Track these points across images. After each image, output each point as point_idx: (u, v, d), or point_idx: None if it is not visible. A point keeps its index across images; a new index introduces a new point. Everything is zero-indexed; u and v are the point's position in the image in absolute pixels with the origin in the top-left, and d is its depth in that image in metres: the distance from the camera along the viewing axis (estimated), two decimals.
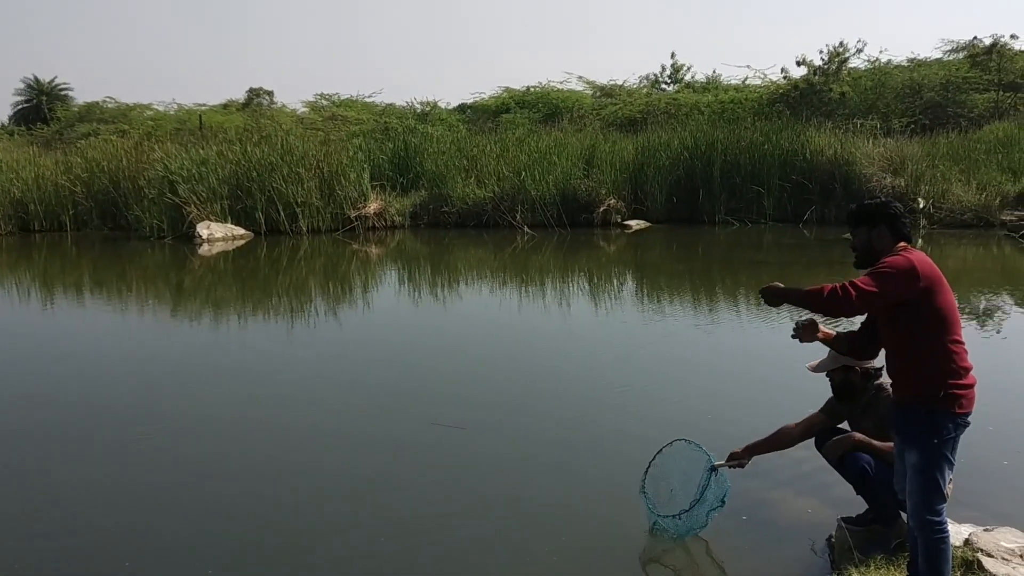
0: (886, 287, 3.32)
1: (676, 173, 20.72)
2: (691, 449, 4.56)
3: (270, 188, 19.11)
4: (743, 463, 4.54)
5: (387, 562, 4.46)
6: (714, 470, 4.45)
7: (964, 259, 15.51)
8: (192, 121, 31.16)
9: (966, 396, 3.34)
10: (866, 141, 21.36)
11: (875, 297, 3.32)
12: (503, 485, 5.45)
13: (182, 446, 6.22)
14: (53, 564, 4.48)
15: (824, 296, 3.37)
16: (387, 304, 12.20)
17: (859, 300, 3.32)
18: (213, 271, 15.63)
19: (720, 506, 4.42)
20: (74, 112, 38.86)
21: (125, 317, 11.45)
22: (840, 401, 4.46)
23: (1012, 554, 3.88)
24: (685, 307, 11.46)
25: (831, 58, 28.21)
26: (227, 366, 8.72)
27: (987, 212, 19.10)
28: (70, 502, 5.26)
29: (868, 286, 3.32)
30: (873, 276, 3.36)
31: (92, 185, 20.96)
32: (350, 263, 16.33)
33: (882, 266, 3.38)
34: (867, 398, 4.35)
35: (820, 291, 3.39)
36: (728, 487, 4.45)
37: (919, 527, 3.37)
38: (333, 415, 6.92)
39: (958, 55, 29.47)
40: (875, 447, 4.16)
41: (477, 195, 20.47)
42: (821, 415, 4.54)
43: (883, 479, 4.07)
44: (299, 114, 34.26)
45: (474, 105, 35.66)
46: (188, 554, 4.55)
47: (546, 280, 13.91)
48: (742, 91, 31.02)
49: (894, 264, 3.36)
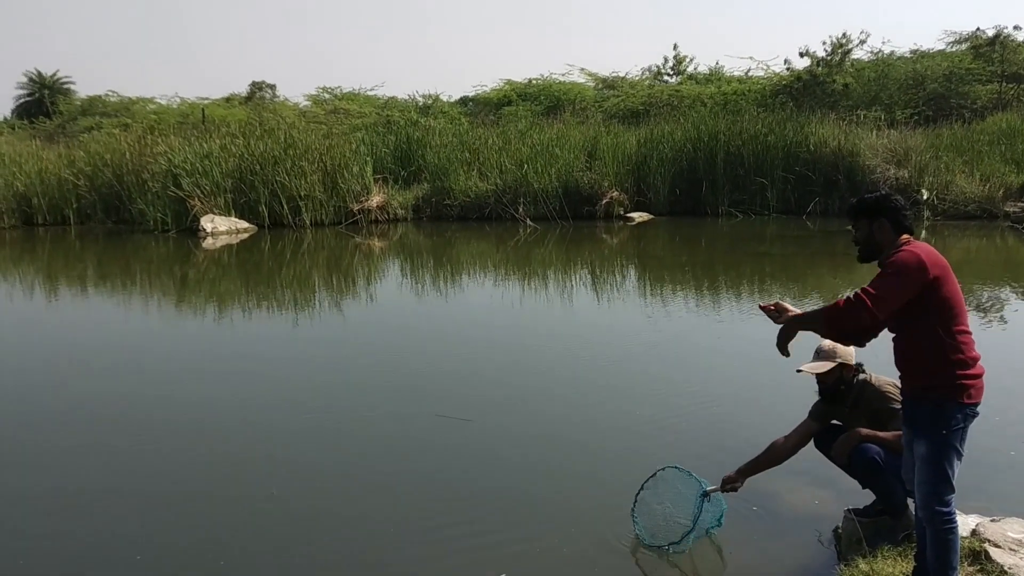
0: (897, 288, 3.28)
1: (679, 165, 20.72)
2: (682, 476, 4.52)
3: (273, 181, 19.13)
4: (736, 486, 4.44)
5: (392, 553, 4.49)
6: (706, 496, 4.41)
7: (968, 250, 15.49)
8: (195, 114, 31.18)
9: (975, 386, 3.34)
10: (870, 132, 21.33)
11: (891, 300, 3.26)
12: (506, 478, 5.47)
13: (178, 441, 6.23)
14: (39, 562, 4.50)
15: (840, 309, 3.27)
16: (390, 297, 12.21)
17: (875, 306, 3.22)
18: (217, 264, 15.65)
19: (717, 526, 4.42)
20: (76, 106, 38.88)
21: (129, 310, 11.48)
22: (828, 403, 4.42)
23: (1019, 544, 3.89)
24: (688, 301, 11.46)
25: (834, 49, 28.17)
26: (231, 360, 8.74)
27: (991, 203, 19.09)
28: (68, 497, 5.28)
29: (881, 290, 3.26)
30: (884, 279, 3.31)
31: (95, 179, 20.99)
32: (353, 256, 16.34)
33: (890, 268, 3.34)
34: (854, 395, 4.32)
35: (835, 307, 3.30)
36: (724, 508, 4.45)
37: (928, 518, 3.37)
38: (333, 410, 6.93)
39: (961, 46, 29.39)
40: (882, 438, 4.13)
41: (479, 188, 20.46)
42: (812, 422, 4.48)
43: (893, 468, 4.06)
44: (302, 107, 34.30)
45: (476, 98, 35.63)
46: (197, 553, 4.57)
47: (549, 273, 13.91)
48: (745, 83, 30.96)
49: (902, 262, 3.31)
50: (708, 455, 5.57)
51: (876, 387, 4.25)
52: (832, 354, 4.31)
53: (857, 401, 4.31)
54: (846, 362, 4.32)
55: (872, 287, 3.29)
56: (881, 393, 4.22)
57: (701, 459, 5.50)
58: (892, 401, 4.16)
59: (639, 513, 4.52)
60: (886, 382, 4.25)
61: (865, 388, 4.29)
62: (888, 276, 3.32)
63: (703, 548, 4.42)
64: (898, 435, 4.05)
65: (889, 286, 3.29)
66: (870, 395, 4.26)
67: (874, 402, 4.23)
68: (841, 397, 4.36)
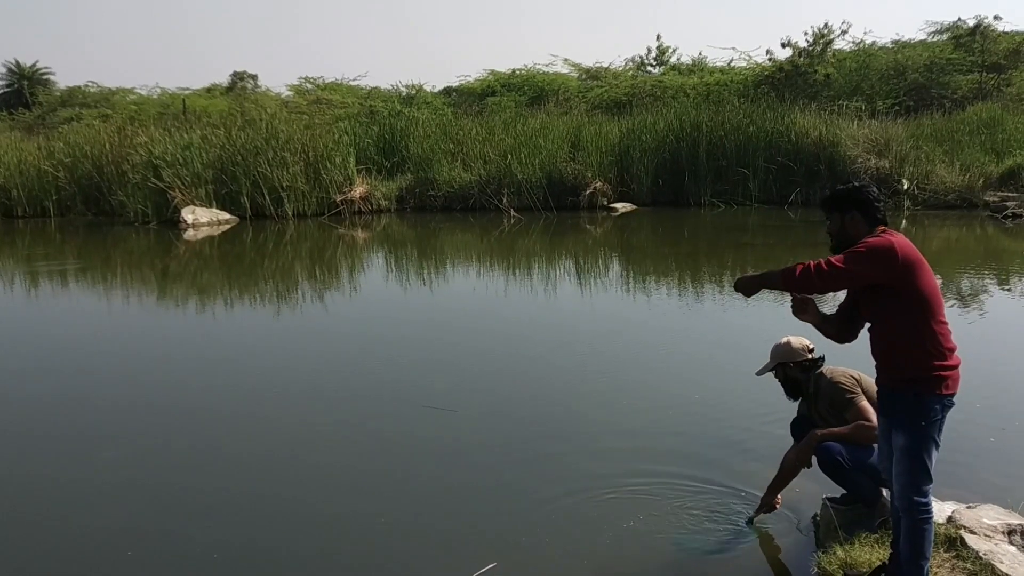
0: (857, 267, 3.34)
1: (662, 156, 20.75)
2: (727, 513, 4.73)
3: (255, 172, 19.01)
4: (774, 505, 4.55)
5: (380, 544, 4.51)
6: (751, 522, 4.59)
7: (948, 239, 15.62)
8: (175, 105, 30.93)
9: (951, 377, 3.37)
10: (851, 123, 21.44)
11: (841, 274, 3.35)
12: (492, 468, 5.48)
13: (161, 434, 6.21)
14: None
15: (795, 275, 3.41)
16: (374, 289, 12.19)
17: (827, 277, 3.35)
18: (199, 256, 15.57)
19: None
20: (56, 97, 38.55)
21: (110, 303, 11.41)
22: (794, 397, 4.57)
23: (994, 531, 3.94)
24: (671, 291, 11.51)
25: (816, 40, 28.27)
26: (213, 352, 8.71)
27: (970, 193, 19.24)
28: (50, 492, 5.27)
29: (837, 263, 3.35)
30: (847, 255, 3.39)
31: (75, 170, 20.78)
32: (336, 248, 16.29)
33: (861, 246, 3.40)
34: (812, 388, 4.43)
35: (792, 270, 3.43)
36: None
37: (906, 508, 3.41)
38: (320, 400, 6.92)
39: (942, 36, 29.53)
40: (838, 434, 4.21)
41: (463, 179, 20.43)
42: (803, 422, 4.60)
43: (857, 463, 4.13)
44: (283, 98, 34.10)
45: (460, 88, 35.54)
46: (176, 549, 4.56)
47: (533, 264, 13.93)
48: (727, 73, 31.04)
49: (873, 244, 3.37)
50: (693, 443, 5.67)
51: (829, 379, 4.35)
52: (774, 355, 4.51)
53: (816, 394, 4.41)
54: (783, 361, 4.46)
55: (835, 259, 3.38)
56: (834, 384, 4.31)
57: (685, 445, 5.57)
58: (845, 392, 4.26)
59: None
60: (840, 373, 4.35)
61: (820, 380, 4.39)
62: (852, 253, 3.38)
63: (684, 535, 4.46)
64: (855, 426, 4.17)
65: (848, 262, 3.36)
66: (824, 387, 4.35)
67: (829, 393, 4.32)
68: (802, 392, 4.51)
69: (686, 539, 4.45)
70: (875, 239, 3.40)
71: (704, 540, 4.45)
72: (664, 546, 4.39)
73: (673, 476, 5.16)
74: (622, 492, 4.99)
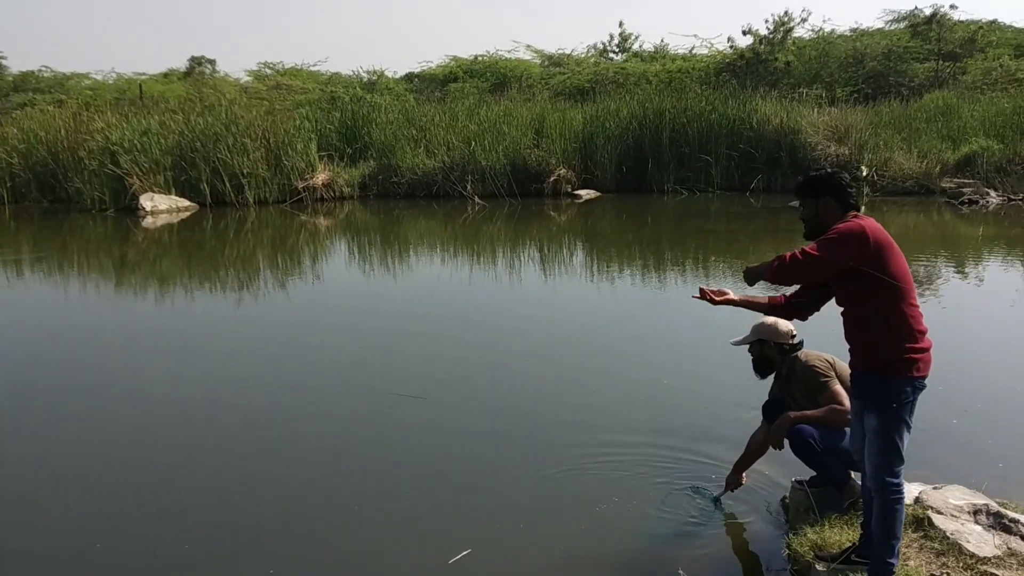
0: (834, 253, 3.38)
1: (625, 143, 20.82)
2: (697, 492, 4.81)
3: (215, 159, 18.74)
4: (740, 482, 4.68)
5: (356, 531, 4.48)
6: (717, 500, 4.69)
7: (906, 225, 15.85)
8: (132, 90, 30.42)
9: (923, 359, 3.41)
10: (811, 110, 21.68)
11: (815, 261, 3.38)
12: (462, 454, 5.48)
13: (123, 419, 6.12)
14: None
15: (776, 266, 3.46)
16: (338, 276, 12.09)
17: (802, 266, 3.39)
18: (158, 244, 15.31)
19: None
20: (8, 82, 37.57)
21: (67, 292, 11.18)
22: (762, 375, 4.60)
23: (960, 511, 4.00)
24: (635, 277, 11.56)
25: (776, 27, 28.51)
26: (173, 342, 8.55)
27: (928, 179, 19.57)
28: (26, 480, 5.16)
29: (815, 251, 3.39)
30: (821, 242, 3.42)
31: (29, 157, 20.34)
32: (299, 235, 16.12)
33: (832, 232, 3.43)
34: (786, 371, 4.46)
35: (772, 264, 3.49)
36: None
37: (877, 488, 3.44)
38: (286, 389, 6.84)
39: (899, 25, 29.96)
40: (811, 417, 4.24)
41: (427, 165, 20.32)
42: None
43: (829, 447, 4.17)
44: (243, 83, 33.65)
45: (422, 74, 35.34)
46: (150, 535, 4.50)
47: (498, 251, 13.89)
48: (689, 60, 31.20)
49: (844, 230, 3.41)
50: (663, 423, 5.70)
51: (804, 362, 4.38)
52: (756, 330, 4.52)
53: (789, 376, 4.44)
54: (765, 339, 4.48)
55: (811, 248, 3.41)
56: (808, 367, 4.34)
57: (656, 425, 5.59)
58: (819, 375, 4.29)
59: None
60: (815, 357, 4.39)
61: (795, 363, 4.42)
62: (827, 240, 3.41)
63: (655, 521, 4.48)
64: (828, 409, 4.21)
65: (825, 250, 3.39)
66: (799, 370, 4.38)
67: (803, 377, 4.35)
68: (773, 371, 4.55)
69: (657, 521, 4.48)
70: (845, 224, 3.43)
71: (676, 522, 4.47)
72: (636, 527, 4.42)
73: (645, 456, 5.22)
74: (593, 474, 5.02)
